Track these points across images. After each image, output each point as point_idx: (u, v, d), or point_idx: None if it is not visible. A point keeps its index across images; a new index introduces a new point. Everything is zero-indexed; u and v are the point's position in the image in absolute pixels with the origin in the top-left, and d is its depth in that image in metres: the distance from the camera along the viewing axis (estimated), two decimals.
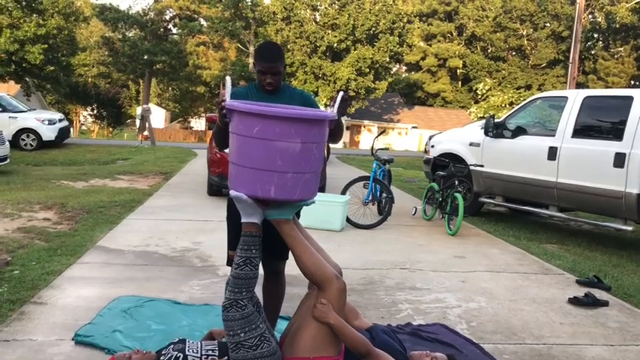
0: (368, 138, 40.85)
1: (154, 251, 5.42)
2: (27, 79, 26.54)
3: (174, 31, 39.48)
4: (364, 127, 41.08)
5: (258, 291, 3.23)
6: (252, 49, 36.12)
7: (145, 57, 36.44)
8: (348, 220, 6.88)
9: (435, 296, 4.51)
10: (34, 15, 25.83)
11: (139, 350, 2.71)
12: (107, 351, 3.16)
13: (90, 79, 44.38)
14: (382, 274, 5.04)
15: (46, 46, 24.90)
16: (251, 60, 36.14)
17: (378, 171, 7.36)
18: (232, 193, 2.69)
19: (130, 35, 37.62)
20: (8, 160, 11.27)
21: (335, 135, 3.07)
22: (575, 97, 7.03)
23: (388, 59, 31.32)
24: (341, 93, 2.93)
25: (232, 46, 39.42)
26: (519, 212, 8.58)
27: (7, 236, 5.86)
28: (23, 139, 15.87)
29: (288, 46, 31.24)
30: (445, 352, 3.40)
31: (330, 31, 30.75)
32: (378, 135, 7.58)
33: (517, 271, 5.37)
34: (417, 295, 4.50)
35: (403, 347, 3.04)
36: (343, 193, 7.05)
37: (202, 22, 38.67)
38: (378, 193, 7.29)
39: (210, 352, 2.70)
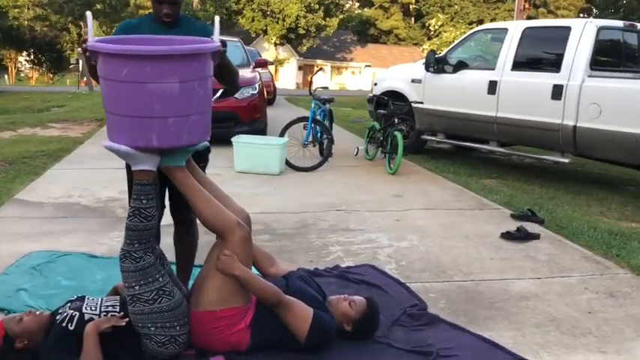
0: (321, 78, 40.37)
1: (76, 202, 5.13)
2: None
3: None
4: (317, 66, 40.43)
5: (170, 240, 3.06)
6: None
7: None
8: (287, 163, 6.69)
9: (368, 237, 4.42)
10: None
11: (31, 311, 2.50)
12: (7, 312, 2.94)
13: (26, 22, 41.83)
14: (317, 216, 4.91)
15: None
16: None
17: (317, 111, 7.13)
18: (106, 143, 2.40)
19: None
20: None
21: (225, 76, 2.81)
22: (515, 29, 6.89)
23: None
24: (217, 17, 2.65)
25: None
26: (462, 149, 8.56)
27: None
28: None
29: None
30: (371, 293, 3.34)
31: None
32: (315, 73, 7.31)
33: (453, 208, 5.33)
34: (349, 237, 4.40)
35: (323, 293, 2.92)
36: (281, 135, 6.83)
37: None
38: (319, 134, 7.09)
39: (110, 309, 2.51)
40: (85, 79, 19.03)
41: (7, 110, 14.61)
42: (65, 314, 2.47)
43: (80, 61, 18.31)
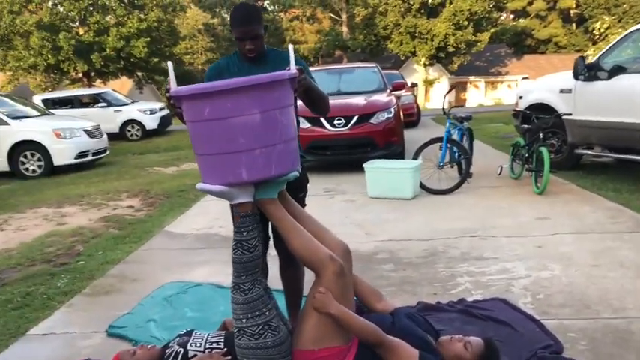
0: (475, 95, 39.02)
1: (215, 233, 5.39)
2: (138, 74, 28.11)
3: (269, 8, 39.89)
4: (470, 82, 39.27)
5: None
6: (344, 16, 35.57)
7: None
8: (422, 186, 6.45)
9: (502, 266, 4.04)
10: (136, 11, 27.11)
11: (143, 345, 2.61)
12: (134, 343, 3.11)
13: (200, 67, 46.17)
14: (448, 243, 4.62)
15: (148, 39, 26.16)
16: (344, 28, 35.69)
17: (452, 130, 6.81)
18: (199, 186, 2.43)
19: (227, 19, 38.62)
20: (107, 152, 11.93)
21: (312, 103, 2.73)
22: None
23: (488, 8, 29.45)
24: (290, 45, 2.58)
25: (326, 16, 39.07)
26: (625, 162, 7.61)
27: (88, 226, 6.13)
28: (129, 130, 16.79)
29: (380, 9, 30.38)
30: (498, 331, 3.03)
31: None
32: (448, 91, 6.96)
33: (607, 231, 4.70)
34: (481, 266, 4.06)
35: (435, 331, 2.69)
36: (415, 157, 6.61)
37: None
38: (456, 154, 6.75)
39: (214, 345, 2.54)
40: None
41: (177, 147, 16.04)
42: (172, 349, 2.54)
43: None
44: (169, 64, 2.44)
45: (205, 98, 2.28)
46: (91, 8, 26.60)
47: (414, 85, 14.34)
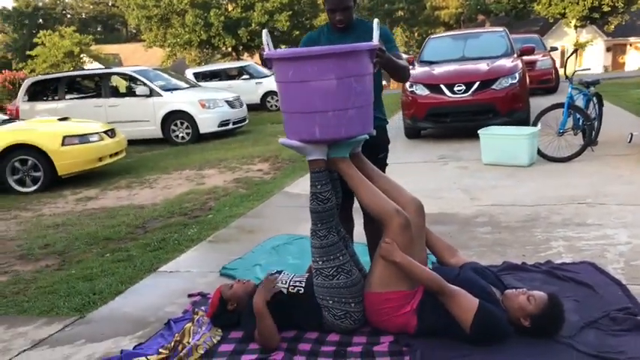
0: (636, 58, 35.43)
1: None
2: (281, 46, 29.41)
3: None
4: (630, 45, 35.71)
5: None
6: None
7: (385, 6, 37.09)
8: (540, 153, 6.29)
9: (604, 232, 3.96)
10: None
11: (239, 280, 3.05)
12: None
13: None
14: (553, 210, 4.58)
15: (290, 12, 27.18)
16: None
17: (576, 96, 6.50)
18: (281, 140, 2.78)
19: None
20: (247, 121, 12.85)
21: (393, 74, 2.92)
22: None
23: None
24: (376, 20, 2.76)
25: None
26: None
27: (222, 186, 6.85)
28: (269, 101, 17.76)
29: None
30: (577, 292, 3.08)
31: None
32: (570, 55, 6.60)
33: None
34: (580, 232, 4.01)
35: (504, 286, 2.82)
36: (534, 124, 6.44)
37: None
38: (580, 121, 6.46)
39: (297, 284, 2.90)
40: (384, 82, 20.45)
41: None
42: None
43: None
44: (264, 32, 2.79)
45: (290, 62, 2.62)
46: None
47: (554, 49, 13.53)
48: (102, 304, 3.47)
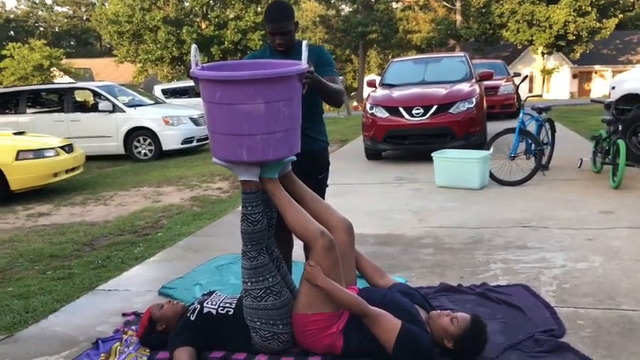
0: (600, 85, 36.45)
1: None
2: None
3: None
4: (595, 72, 36.75)
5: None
6: (458, 4, 34.72)
7: (359, 29, 37.59)
8: (491, 176, 6.41)
9: (542, 256, 4.03)
10: (253, 4, 28.39)
11: (170, 301, 3.02)
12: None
13: None
14: (496, 232, 4.65)
15: (263, 32, 27.34)
16: (458, 17, 34.82)
17: (527, 121, 6.66)
18: (214, 159, 2.78)
19: (343, 10, 39.21)
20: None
21: (324, 98, 2.96)
22: None
23: None
24: (304, 41, 2.80)
25: (440, 4, 38.33)
26: None
27: (177, 204, 6.80)
28: None
29: None
30: (507, 314, 3.12)
31: None
32: (522, 81, 6.78)
33: None
34: (520, 255, 4.08)
35: (431, 307, 2.85)
36: (487, 147, 6.57)
37: None
38: (532, 146, 6.61)
39: (227, 305, 2.87)
40: (354, 104, 20.69)
41: None
42: (192, 306, 2.93)
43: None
44: (193, 47, 2.79)
45: (218, 84, 2.60)
46: (212, 2, 28.22)
47: (516, 74, 13.87)
48: (33, 323, 3.40)
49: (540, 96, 8.03)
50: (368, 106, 8.15)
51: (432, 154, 6.53)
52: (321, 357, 2.70)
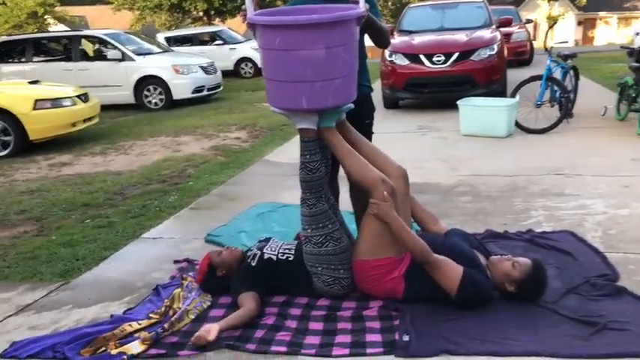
0: (605, 32, 35.93)
1: None
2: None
3: None
4: (600, 19, 36.16)
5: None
6: None
7: None
8: (517, 125, 6.38)
9: (581, 202, 4.06)
10: None
11: (228, 247, 3.06)
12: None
13: None
14: (531, 180, 4.67)
15: None
16: None
17: (554, 68, 6.59)
18: (272, 108, 2.75)
19: None
20: (221, 88, 12.67)
21: (376, 36, 2.91)
22: None
23: None
24: None
25: None
26: None
27: (199, 153, 6.78)
28: (242, 68, 17.51)
29: None
30: (558, 259, 3.17)
31: None
32: (549, 29, 6.67)
33: None
34: (559, 202, 4.11)
35: (487, 252, 2.89)
36: (512, 95, 6.51)
37: None
38: (557, 93, 6.56)
39: (286, 251, 2.91)
40: None
41: None
42: (252, 252, 2.96)
43: None
44: None
45: (277, 30, 2.54)
46: None
47: (529, 21, 13.64)
48: (86, 270, 3.43)
49: (567, 42, 7.93)
50: (387, 53, 8.01)
51: (458, 102, 6.47)
52: (382, 301, 2.75)
